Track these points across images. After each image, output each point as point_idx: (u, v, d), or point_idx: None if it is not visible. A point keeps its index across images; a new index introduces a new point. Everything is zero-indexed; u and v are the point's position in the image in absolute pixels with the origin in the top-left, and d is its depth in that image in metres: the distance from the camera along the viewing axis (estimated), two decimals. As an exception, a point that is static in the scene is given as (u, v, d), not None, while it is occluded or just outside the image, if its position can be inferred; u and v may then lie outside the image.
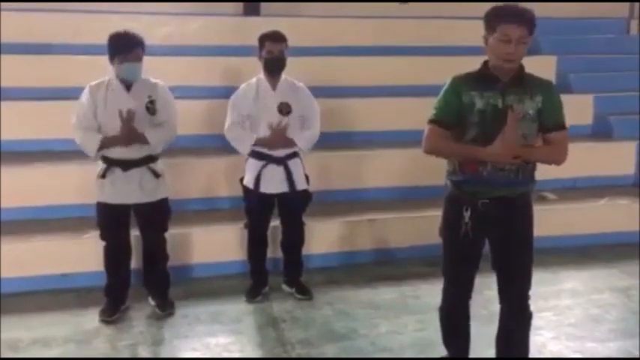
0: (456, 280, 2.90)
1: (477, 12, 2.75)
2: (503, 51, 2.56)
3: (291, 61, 3.93)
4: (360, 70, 5.69)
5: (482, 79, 2.67)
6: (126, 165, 3.60)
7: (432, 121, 2.71)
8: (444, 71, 3.06)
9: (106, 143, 3.55)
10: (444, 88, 2.74)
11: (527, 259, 2.78)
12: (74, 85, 4.01)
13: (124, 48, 3.51)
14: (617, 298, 4.11)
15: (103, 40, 3.59)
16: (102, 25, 3.98)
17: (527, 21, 2.56)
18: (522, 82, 2.66)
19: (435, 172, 3.37)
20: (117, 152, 3.59)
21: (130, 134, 3.53)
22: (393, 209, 4.85)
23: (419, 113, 3.04)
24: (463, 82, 2.69)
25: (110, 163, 3.61)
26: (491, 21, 2.60)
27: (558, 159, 2.73)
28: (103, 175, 3.62)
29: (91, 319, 3.72)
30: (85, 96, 3.61)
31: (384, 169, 5.10)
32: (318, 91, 4.18)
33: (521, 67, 2.67)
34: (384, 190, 5.10)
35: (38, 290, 4.02)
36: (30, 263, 4.07)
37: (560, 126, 2.71)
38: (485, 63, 2.69)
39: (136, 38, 3.56)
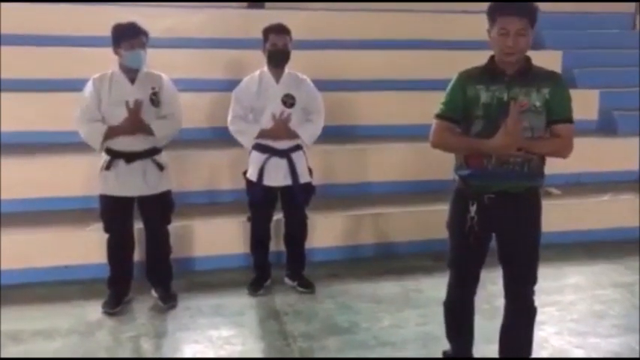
0: (461, 275, 2.89)
1: (482, 6, 2.74)
2: (503, 44, 2.56)
3: (295, 55, 3.92)
4: (364, 63, 5.67)
5: (488, 72, 2.66)
6: (129, 157, 3.60)
7: (438, 116, 2.71)
8: (448, 65, 3.05)
9: (111, 133, 3.54)
10: (451, 83, 2.73)
11: (533, 256, 2.76)
12: (75, 77, 4.00)
13: (129, 34, 3.50)
14: (621, 294, 4.10)
15: (104, 31, 3.58)
16: (103, 17, 3.97)
17: (527, 13, 2.54)
18: (529, 75, 2.64)
19: (439, 166, 3.36)
20: (121, 144, 3.58)
21: (135, 123, 3.53)
22: (396, 203, 4.84)
23: (423, 107, 3.03)
24: (469, 77, 2.68)
25: (114, 155, 3.61)
26: (492, 14, 2.60)
27: (563, 152, 2.70)
28: (107, 167, 3.61)
29: (93, 310, 3.72)
30: (88, 89, 3.60)
31: (388, 163, 5.08)
32: (322, 85, 4.16)
33: (528, 60, 2.65)
34: (388, 184, 5.08)
35: (40, 282, 4.03)
36: (32, 255, 4.07)
37: (567, 119, 2.68)
38: (492, 57, 2.68)
39: (140, 26, 3.57)
